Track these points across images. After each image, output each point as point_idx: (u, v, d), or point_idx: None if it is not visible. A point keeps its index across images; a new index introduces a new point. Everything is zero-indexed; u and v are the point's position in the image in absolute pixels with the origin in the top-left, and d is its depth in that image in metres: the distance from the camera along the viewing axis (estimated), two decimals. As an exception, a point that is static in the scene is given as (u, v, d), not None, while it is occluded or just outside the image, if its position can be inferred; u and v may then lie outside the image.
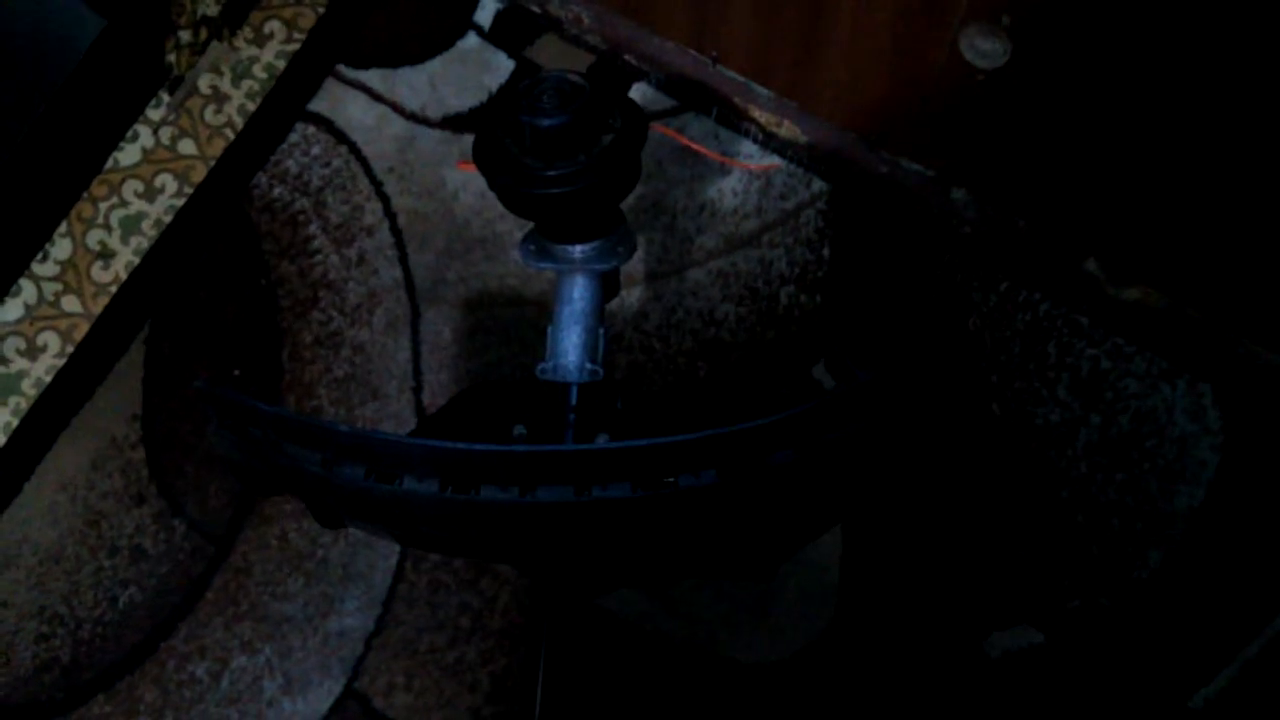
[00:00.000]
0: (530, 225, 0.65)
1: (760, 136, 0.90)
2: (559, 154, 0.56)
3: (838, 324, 0.84)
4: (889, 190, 0.88)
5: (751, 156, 0.89)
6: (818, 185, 0.88)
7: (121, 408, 0.92)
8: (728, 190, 0.89)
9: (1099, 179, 0.78)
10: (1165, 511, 0.78)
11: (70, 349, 0.94)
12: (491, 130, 0.58)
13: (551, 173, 0.56)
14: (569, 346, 0.62)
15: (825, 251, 0.87)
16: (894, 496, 0.80)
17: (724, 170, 0.89)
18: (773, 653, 0.78)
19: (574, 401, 0.61)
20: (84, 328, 0.95)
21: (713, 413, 0.75)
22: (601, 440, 0.57)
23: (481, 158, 0.58)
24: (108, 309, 0.95)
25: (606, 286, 0.65)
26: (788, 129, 0.89)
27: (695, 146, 0.85)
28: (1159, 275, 0.80)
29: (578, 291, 0.63)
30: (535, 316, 0.89)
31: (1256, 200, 0.71)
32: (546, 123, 0.55)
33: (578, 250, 0.63)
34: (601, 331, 0.65)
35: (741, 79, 0.89)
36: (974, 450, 0.81)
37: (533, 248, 0.64)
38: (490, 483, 0.45)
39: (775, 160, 0.88)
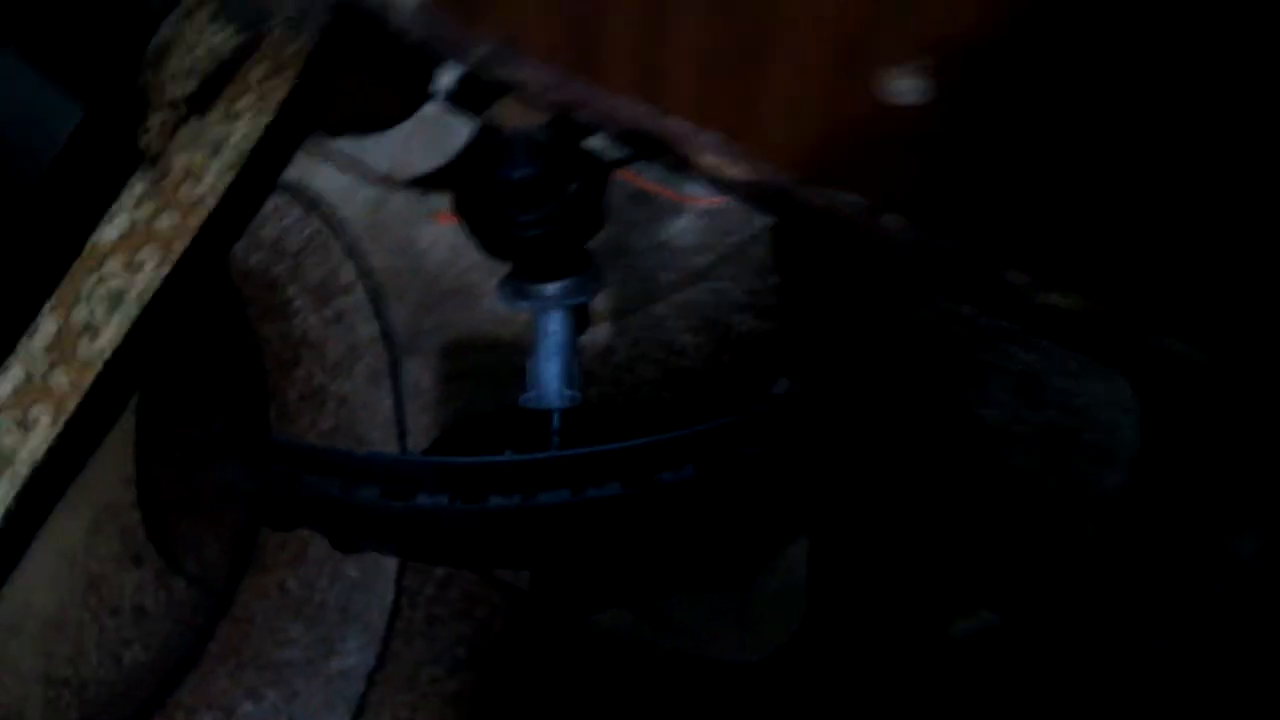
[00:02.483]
0: (504, 271, 0.71)
1: (708, 179, 0.98)
2: (531, 202, 0.63)
3: (790, 345, 0.91)
4: (826, 221, 0.96)
5: (701, 196, 0.97)
6: (762, 220, 0.96)
7: (115, 473, 0.95)
8: (682, 229, 0.96)
9: (1014, 197, 0.87)
10: (1097, 491, 0.86)
11: (62, 421, 0.98)
12: (469, 184, 0.65)
13: (525, 219, 0.63)
14: (550, 376, 0.68)
15: (773, 280, 0.95)
16: (854, 500, 0.86)
17: (677, 211, 0.96)
18: (754, 652, 0.84)
19: (556, 425, 0.66)
20: (74, 400, 0.99)
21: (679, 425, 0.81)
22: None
23: (462, 210, 0.65)
24: (96, 381, 0.99)
25: (579, 320, 0.72)
26: (734, 171, 0.97)
27: (653, 187, 0.92)
28: (1074, 280, 0.88)
29: (554, 325, 0.69)
30: (511, 358, 0.95)
31: (1154, 210, 0.80)
32: (518, 174, 0.62)
33: (551, 288, 0.69)
34: (577, 361, 0.71)
35: (688, 128, 0.97)
36: (924, 451, 0.88)
37: (510, 290, 0.71)
38: (496, 492, 0.51)
39: (724, 197, 0.95)
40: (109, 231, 1.04)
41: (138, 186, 1.06)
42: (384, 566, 0.90)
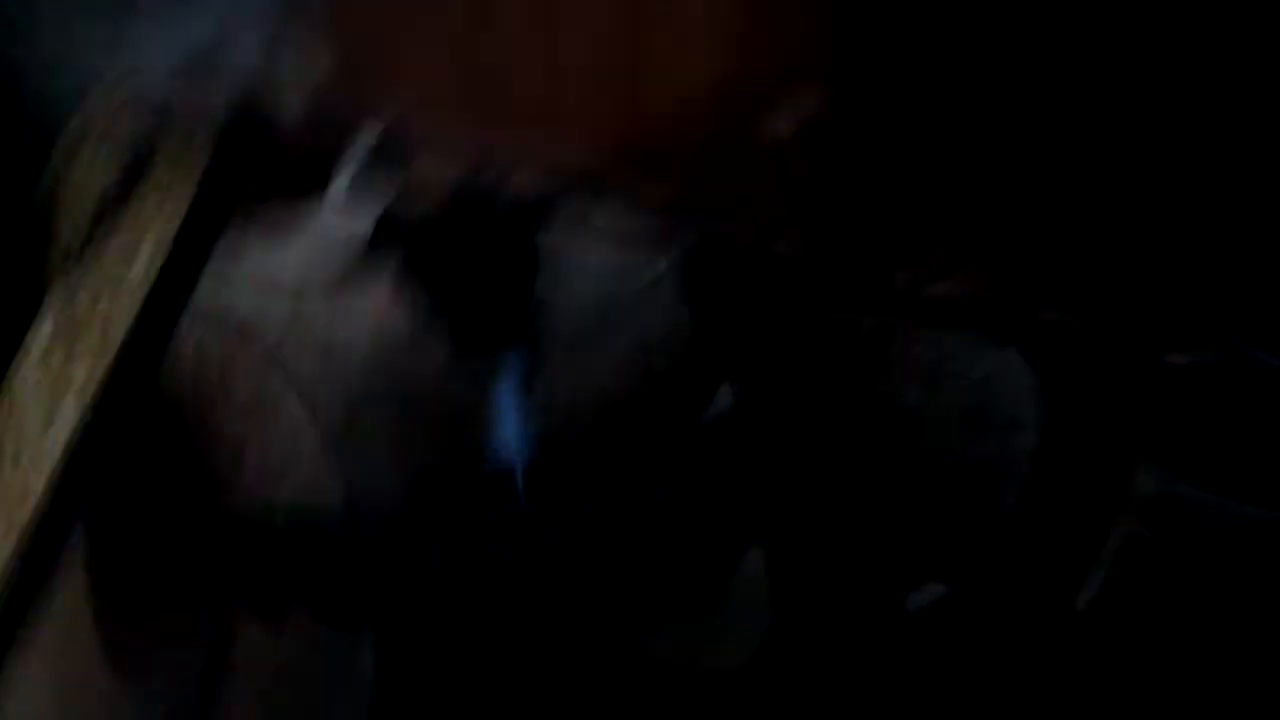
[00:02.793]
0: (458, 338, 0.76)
1: (611, 234, 1.04)
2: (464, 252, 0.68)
3: (712, 371, 0.97)
4: (725, 248, 1.03)
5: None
6: (665, 262, 1.03)
7: (74, 611, 0.95)
8: (593, 285, 1.02)
9: (891, 204, 0.96)
10: (1010, 457, 0.94)
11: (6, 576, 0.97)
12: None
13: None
14: (509, 417, 0.73)
15: (683, 315, 1.01)
16: (798, 503, 0.93)
17: (582, 267, 1.02)
18: (729, 661, 0.88)
19: (522, 484, 0.71)
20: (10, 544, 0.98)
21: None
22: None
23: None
24: (35, 533, 0.98)
25: (529, 364, 0.77)
26: (632, 220, 1.04)
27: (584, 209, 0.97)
28: (955, 271, 0.97)
29: (506, 373, 0.74)
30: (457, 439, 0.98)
31: (1019, 199, 0.90)
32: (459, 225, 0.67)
33: (498, 337, 0.74)
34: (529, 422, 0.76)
35: (589, 183, 1.04)
36: (850, 448, 0.96)
37: (461, 348, 0.75)
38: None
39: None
40: (21, 381, 1.04)
41: (44, 334, 1.06)
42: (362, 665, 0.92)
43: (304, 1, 0.98)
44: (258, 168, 1.07)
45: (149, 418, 1.01)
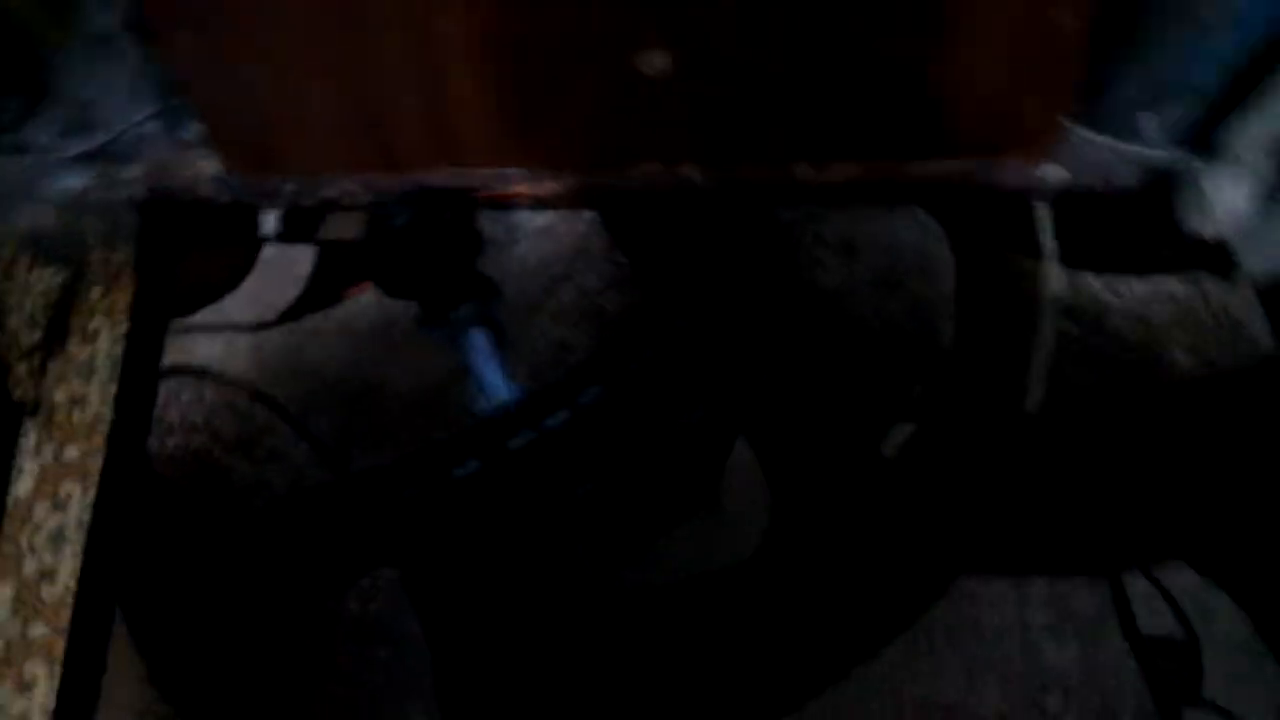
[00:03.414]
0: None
1: (529, 203, 1.12)
2: (414, 240, 0.76)
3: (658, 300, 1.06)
4: (635, 194, 1.12)
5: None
6: (588, 215, 1.11)
7: (131, 683, 0.99)
8: (526, 252, 1.10)
9: (769, 121, 1.06)
10: (932, 300, 1.05)
11: (58, 667, 1.01)
12: (364, 248, 0.77)
13: (414, 251, 0.76)
14: (492, 378, 0.81)
15: (620, 258, 1.10)
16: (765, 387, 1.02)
17: (514, 240, 1.10)
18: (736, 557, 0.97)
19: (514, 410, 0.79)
20: (61, 643, 1.02)
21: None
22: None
23: (368, 273, 0.77)
24: (75, 617, 1.02)
25: (496, 332, 0.84)
26: (545, 188, 1.12)
27: (498, 193, 1.04)
28: (850, 155, 1.08)
29: (478, 341, 0.82)
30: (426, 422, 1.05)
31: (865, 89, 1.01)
32: (398, 221, 0.74)
33: (463, 310, 0.82)
34: (506, 365, 0.83)
35: (495, 170, 1.12)
36: (797, 325, 1.05)
37: (431, 327, 0.83)
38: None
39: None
40: (23, 485, 1.08)
41: (30, 435, 1.10)
42: (410, 632, 0.98)
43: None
44: (187, 234, 1.13)
45: (148, 482, 1.06)
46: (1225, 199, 0.93)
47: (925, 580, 0.97)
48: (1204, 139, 0.99)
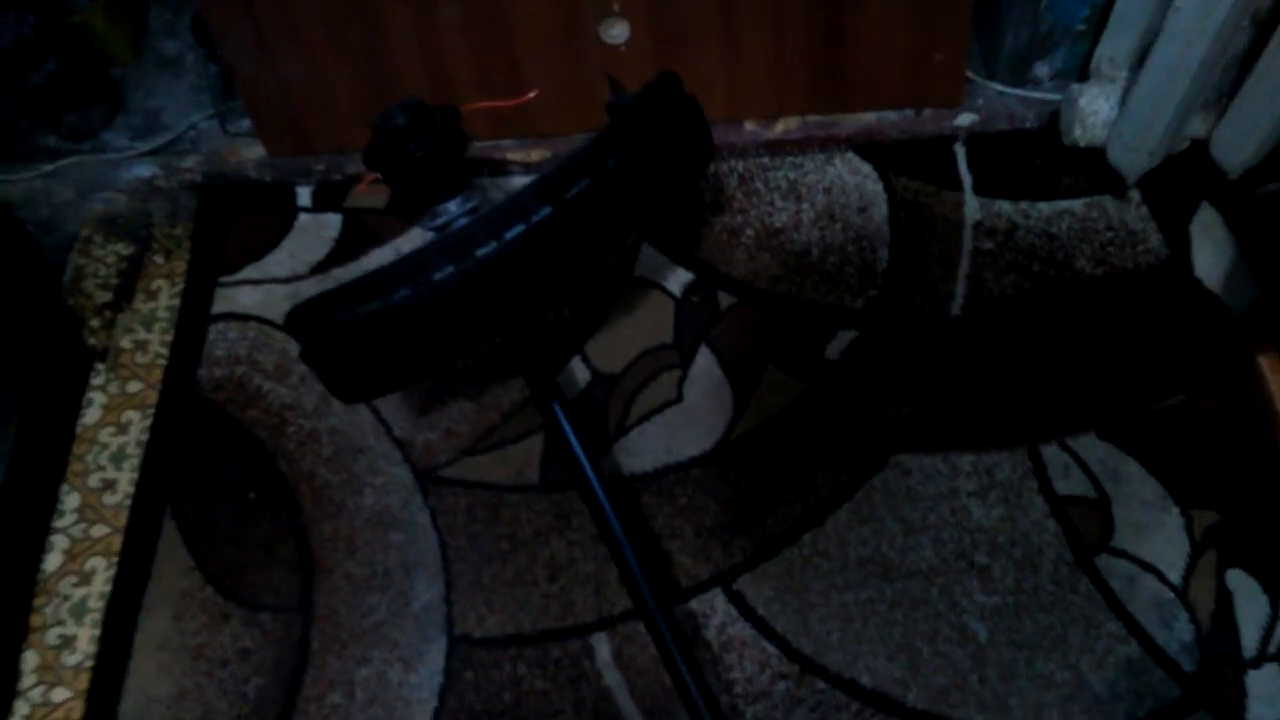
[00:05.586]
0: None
1: (521, 169, 1.32)
2: (412, 135, 0.94)
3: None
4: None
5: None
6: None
7: (178, 570, 1.14)
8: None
9: (722, 73, 1.25)
10: (870, 230, 1.20)
11: (115, 559, 1.16)
12: (373, 147, 0.95)
13: (413, 146, 0.94)
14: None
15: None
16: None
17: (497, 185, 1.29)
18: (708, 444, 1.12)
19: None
20: (117, 541, 1.17)
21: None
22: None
23: (373, 163, 0.95)
24: (130, 517, 1.18)
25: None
26: (535, 155, 1.31)
27: (490, 104, 1.22)
28: (787, 107, 1.26)
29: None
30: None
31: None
32: (400, 120, 0.93)
33: (452, 205, 1.00)
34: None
35: (489, 142, 1.32)
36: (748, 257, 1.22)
37: (423, 217, 1.00)
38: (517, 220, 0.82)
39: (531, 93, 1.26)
40: (91, 414, 1.26)
41: (99, 375, 1.29)
42: (419, 521, 1.13)
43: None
44: (235, 208, 1.34)
45: (199, 400, 1.23)
46: (1096, 109, 1.09)
47: (866, 457, 1.11)
48: (1082, 69, 1.17)
